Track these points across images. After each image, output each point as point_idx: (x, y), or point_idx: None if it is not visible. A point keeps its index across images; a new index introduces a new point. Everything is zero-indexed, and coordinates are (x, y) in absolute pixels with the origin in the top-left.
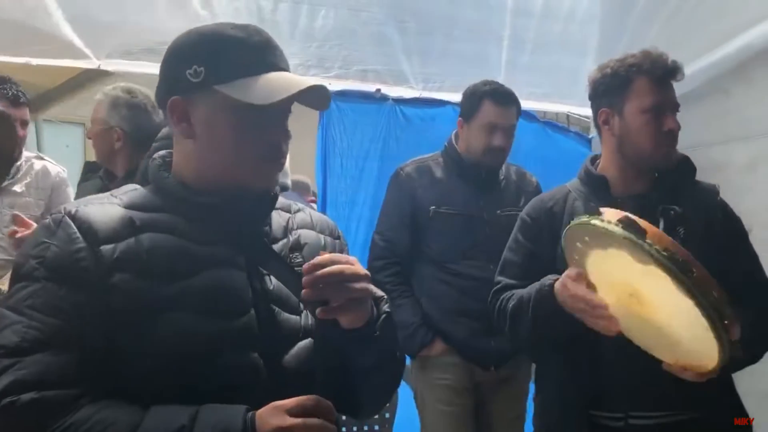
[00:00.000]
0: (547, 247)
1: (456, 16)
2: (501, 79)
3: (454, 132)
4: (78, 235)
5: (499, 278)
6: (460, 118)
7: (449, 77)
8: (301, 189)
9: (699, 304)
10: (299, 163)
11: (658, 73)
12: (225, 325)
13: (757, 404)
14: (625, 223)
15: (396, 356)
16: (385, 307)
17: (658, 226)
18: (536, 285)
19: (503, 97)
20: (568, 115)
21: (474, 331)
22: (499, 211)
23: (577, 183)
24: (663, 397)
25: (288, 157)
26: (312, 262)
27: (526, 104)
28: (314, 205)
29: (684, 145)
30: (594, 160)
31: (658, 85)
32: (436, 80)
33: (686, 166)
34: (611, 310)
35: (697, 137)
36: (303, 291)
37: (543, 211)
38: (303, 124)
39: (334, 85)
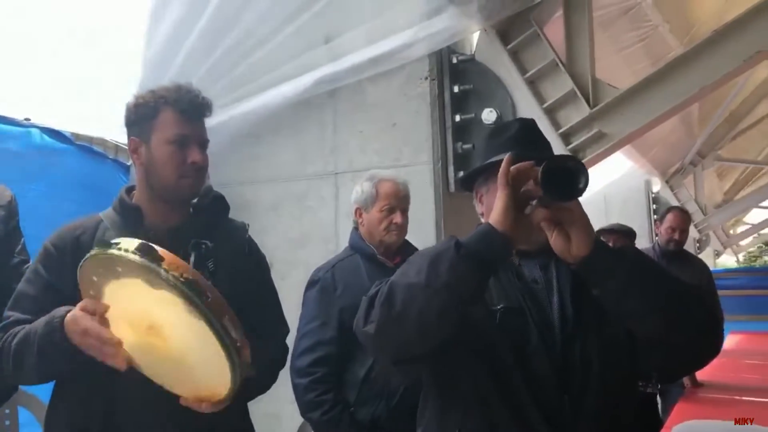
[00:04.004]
0: (71, 279)
1: None
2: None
3: None
4: None
5: (10, 313)
6: None
7: None
8: None
9: (212, 326)
10: None
11: (184, 107)
12: None
13: (266, 425)
14: (142, 250)
15: None
16: None
17: (189, 260)
18: (45, 317)
19: None
20: (116, 145)
21: None
22: None
23: (110, 212)
24: (184, 427)
25: None
26: None
27: (61, 125)
28: None
29: (218, 182)
30: (131, 189)
31: (185, 118)
32: None
33: (220, 203)
34: (129, 346)
35: (230, 176)
36: None
37: (69, 240)
38: None
39: None
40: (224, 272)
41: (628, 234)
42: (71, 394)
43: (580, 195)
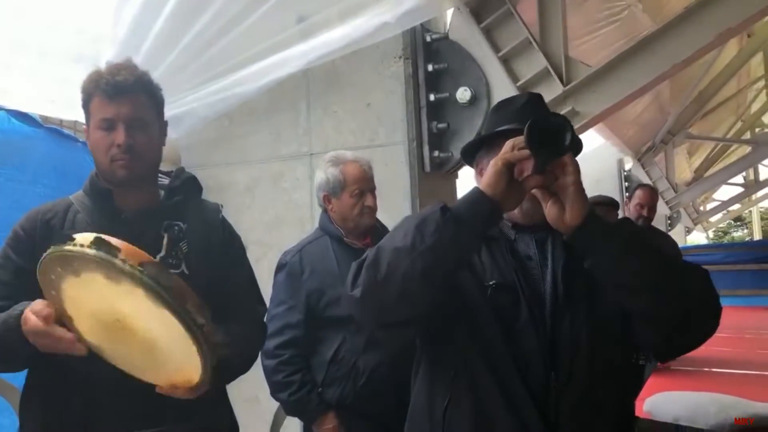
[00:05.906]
0: None
1: None
2: None
3: None
4: None
5: None
6: None
7: None
8: None
9: (176, 313)
10: None
11: (105, 88)
12: None
13: (245, 408)
14: (97, 243)
15: None
16: None
17: (162, 241)
18: (4, 315)
19: None
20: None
21: None
22: None
23: (81, 195)
24: (159, 412)
25: None
26: None
27: (27, 107)
28: None
29: (192, 164)
30: None
31: (109, 100)
32: None
33: (192, 184)
34: (98, 340)
35: (204, 158)
36: None
37: (39, 224)
38: None
39: None
40: (198, 253)
41: (610, 205)
42: (45, 379)
43: (568, 152)
